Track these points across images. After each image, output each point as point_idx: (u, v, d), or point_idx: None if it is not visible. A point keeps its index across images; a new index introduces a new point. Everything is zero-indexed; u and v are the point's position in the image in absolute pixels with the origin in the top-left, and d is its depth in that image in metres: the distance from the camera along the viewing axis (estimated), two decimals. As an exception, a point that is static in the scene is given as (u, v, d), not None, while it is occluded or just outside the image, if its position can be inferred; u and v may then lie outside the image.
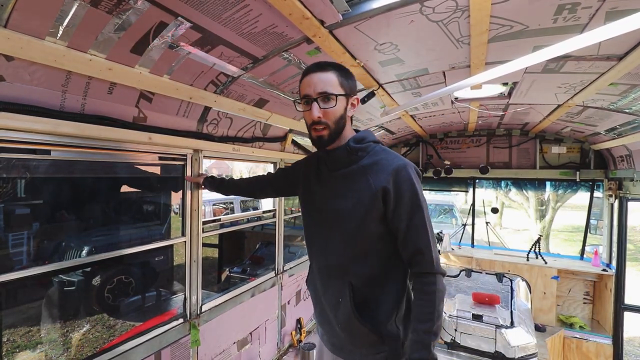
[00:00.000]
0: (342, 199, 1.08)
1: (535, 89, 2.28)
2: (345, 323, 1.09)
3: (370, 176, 1.04)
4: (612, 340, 3.35)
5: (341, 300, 1.08)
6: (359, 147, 1.08)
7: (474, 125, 3.96)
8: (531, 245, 4.06)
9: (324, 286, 1.16)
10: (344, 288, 1.08)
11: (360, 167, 1.07)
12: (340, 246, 1.09)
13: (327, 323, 1.18)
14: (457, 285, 3.46)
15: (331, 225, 1.11)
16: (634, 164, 3.00)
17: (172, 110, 1.72)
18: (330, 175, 1.14)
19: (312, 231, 1.22)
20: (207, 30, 1.30)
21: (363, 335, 1.07)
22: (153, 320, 1.84)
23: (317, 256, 1.19)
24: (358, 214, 1.03)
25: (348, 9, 1.30)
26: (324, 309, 1.18)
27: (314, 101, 1.02)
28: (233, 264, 4.89)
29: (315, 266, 1.21)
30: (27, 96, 1.17)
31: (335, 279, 1.11)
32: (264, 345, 2.70)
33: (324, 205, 1.14)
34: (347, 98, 1.07)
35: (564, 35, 1.43)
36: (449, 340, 2.79)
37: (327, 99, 1.02)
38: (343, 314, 1.08)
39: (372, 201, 1.01)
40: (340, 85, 1.04)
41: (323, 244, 1.15)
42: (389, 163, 1.03)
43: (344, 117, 1.07)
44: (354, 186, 1.06)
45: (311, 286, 1.27)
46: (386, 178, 1.01)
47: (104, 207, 5.07)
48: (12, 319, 3.91)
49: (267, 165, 2.99)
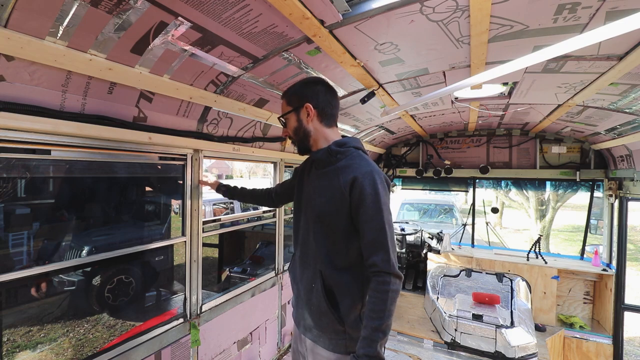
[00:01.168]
0: (319, 195, 1.22)
1: (535, 88, 2.28)
2: (316, 307, 1.20)
3: (341, 176, 1.16)
4: (612, 340, 3.34)
5: (314, 286, 1.21)
6: (339, 150, 1.22)
7: (474, 125, 3.95)
8: (531, 245, 4.05)
9: (301, 272, 1.29)
10: (316, 275, 1.21)
11: (336, 167, 1.20)
12: (315, 237, 1.22)
13: (300, 306, 1.31)
14: (457, 285, 3.46)
15: (309, 218, 1.26)
16: (634, 163, 3.00)
17: (172, 110, 1.72)
18: (315, 174, 1.29)
19: (297, 223, 1.37)
20: (207, 30, 1.30)
21: (330, 322, 1.17)
22: (153, 320, 1.84)
23: (298, 245, 1.34)
24: (330, 209, 1.16)
25: (348, 8, 1.30)
26: (299, 293, 1.31)
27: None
28: (233, 264, 4.89)
29: (297, 254, 1.35)
30: (27, 96, 1.18)
31: (310, 266, 1.24)
32: (264, 345, 2.70)
33: (307, 200, 1.29)
34: (295, 113, 1.26)
35: (564, 35, 1.43)
36: (449, 340, 2.79)
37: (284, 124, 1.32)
38: (316, 298, 1.20)
39: (341, 199, 1.14)
40: (288, 104, 1.28)
41: (304, 234, 1.29)
42: (359, 167, 1.15)
43: (300, 127, 1.26)
44: (329, 184, 1.19)
45: (292, 273, 1.41)
46: (353, 179, 1.12)
47: (104, 207, 5.08)
48: (12, 319, 3.92)
49: (267, 165, 2.99)
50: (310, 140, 1.27)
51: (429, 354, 2.84)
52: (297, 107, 1.25)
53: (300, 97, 1.25)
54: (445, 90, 1.71)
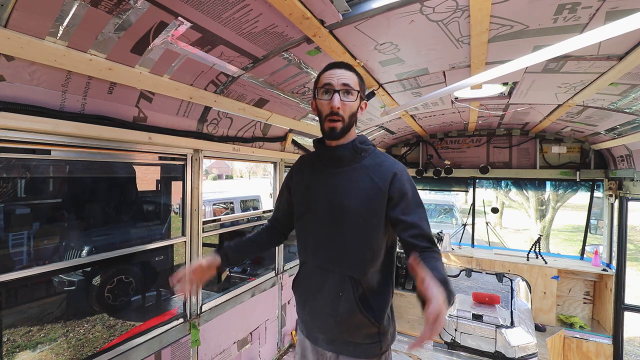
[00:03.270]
0: (346, 195, 1.11)
1: (535, 88, 2.28)
2: (346, 316, 1.11)
3: (374, 175, 1.11)
4: (612, 340, 3.34)
5: (342, 294, 1.12)
6: (363, 148, 1.15)
7: (474, 125, 3.95)
8: (531, 245, 4.05)
9: (321, 281, 1.17)
10: (344, 282, 1.12)
11: (362, 166, 1.13)
12: (343, 240, 1.12)
13: (319, 318, 1.19)
14: (457, 285, 3.46)
15: (334, 221, 1.13)
16: (634, 163, 3.00)
17: (172, 110, 1.72)
18: (329, 172, 1.17)
19: (308, 228, 1.21)
20: (207, 30, 1.30)
21: (363, 327, 1.11)
22: (153, 320, 1.84)
23: (314, 252, 1.19)
24: (367, 208, 1.09)
25: (348, 8, 1.30)
26: (318, 304, 1.18)
27: (336, 92, 1.07)
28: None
29: (311, 263, 1.21)
30: (27, 96, 1.18)
31: (335, 273, 1.14)
32: (264, 345, 2.70)
33: (324, 201, 1.15)
34: (361, 99, 1.14)
35: (564, 35, 1.43)
36: (449, 340, 2.79)
37: (348, 93, 1.08)
38: (345, 306, 1.11)
39: (378, 196, 1.08)
40: (359, 85, 1.12)
41: (322, 240, 1.16)
42: (391, 165, 1.13)
43: (356, 114, 1.14)
44: (359, 184, 1.11)
45: (302, 286, 1.25)
46: (393, 175, 1.09)
47: (104, 207, 5.07)
48: (12, 319, 3.92)
49: (267, 165, 2.99)
50: (349, 131, 1.13)
51: (429, 354, 2.84)
52: (363, 97, 1.15)
53: (364, 90, 1.18)
54: (445, 90, 1.71)
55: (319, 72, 1.15)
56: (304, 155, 1.38)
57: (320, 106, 1.12)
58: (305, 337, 1.28)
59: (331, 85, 1.08)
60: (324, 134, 1.14)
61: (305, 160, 1.31)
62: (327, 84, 1.09)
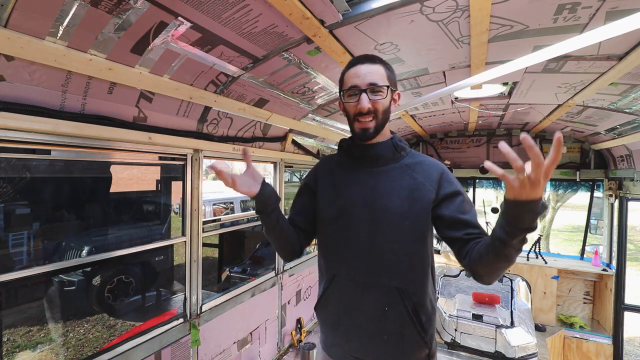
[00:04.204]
0: (389, 196, 1.00)
1: (535, 88, 2.28)
2: (395, 333, 0.99)
3: (417, 175, 1.02)
4: (612, 340, 3.34)
5: (388, 309, 0.98)
6: (402, 146, 1.07)
7: (474, 125, 3.95)
8: (531, 245, 4.05)
9: (359, 297, 1.02)
10: (390, 295, 0.98)
11: (402, 165, 1.04)
12: (387, 246, 0.99)
13: (358, 340, 1.04)
14: (457, 285, 3.46)
15: (374, 225, 1.00)
16: (634, 163, 3.00)
17: (172, 110, 1.72)
18: (366, 172, 1.06)
19: (341, 234, 1.05)
20: (207, 30, 1.30)
21: (415, 347, 0.99)
22: (153, 320, 1.84)
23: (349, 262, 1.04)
24: (412, 211, 0.98)
25: (348, 8, 1.30)
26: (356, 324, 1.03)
27: (363, 92, 0.98)
28: (233, 264, 4.89)
29: (344, 276, 1.04)
30: (27, 96, 1.18)
31: (378, 286, 0.99)
32: (264, 345, 2.70)
33: (361, 204, 1.02)
34: (392, 92, 1.04)
35: (564, 35, 1.43)
36: (449, 340, 2.79)
37: (376, 91, 0.98)
38: (394, 323, 0.98)
39: (426, 197, 0.98)
40: (388, 78, 1.01)
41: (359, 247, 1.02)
42: (434, 163, 1.05)
43: (389, 110, 1.03)
44: (402, 183, 1.01)
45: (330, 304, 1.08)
46: (441, 174, 1.02)
47: (104, 207, 5.07)
48: (12, 319, 3.92)
49: (267, 165, 2.99)
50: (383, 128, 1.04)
51: (429, 354, 2.83)
52: (394, 89, 1.04)
53: (395, 80, 1.06)
54: (445, 90, 1.71)
55: (342, 70, 1.06)
56: (330, 155, 1.26)
57: (348, 108, 1.03)
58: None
59: (357, 86, 0.98)
60: (356, 135, 1.04)
61: (334, 160, 1.17)
62: (353, 86, 0.99)
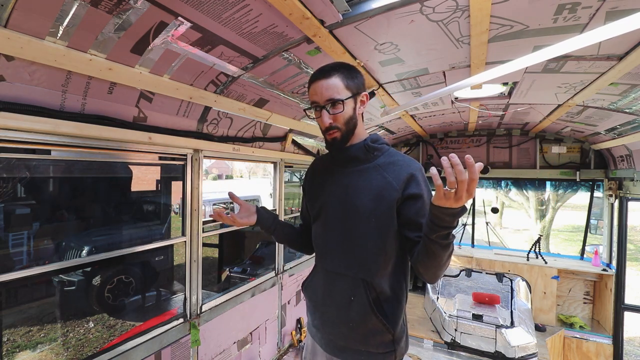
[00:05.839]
0: (359, 195, 1.08)
1: (535, 88, 2.28)
2: (359, 322, 1.07)
3: (387, 174, 1.07)
4: (612, 340, 3.34)
5: (353, 299, 1.08)
6: (376, 147, 1.12)
7: (474, 125, 3.95)
8: (531, 245, 4.05)
9: (329, 286, 1.14)
10: (356, 285, 1.07)
11: (375, 165, 1.10)
12: (354, 241, 1.08)
13: (330, 324, 1.15)
14: (457, 285, 3.46)
15: (344, 221, 1.10)
16: (634, 163, 3.00)
17: (172, 110, 1.73)
18: (341, 172, 1.15)
19: (320, 230, 1.19)
20: (207, 30, 1.30)
21: (378, 333, 1.07)
22: (153, 320, 1.84)
23: (323, 255, 1.17)
24: (378, 209, 1.04)
25: (348, 8, 1.30)
26: (328, 311, 1.15)
27: (323, 108, 1.05)
28: (233, 264, 4.89)
29: (321, 266, 1.18)
30: (27, 96, 1.18)
31: (346, 276, 1.10)
32: (264, 345, 2.70)
33: (335, 202, 1.13)
34: (354, 98, 1.08)
35: (564, 35, 1.43)
36: (449, 340, 2.79)
37: (335, 105, 1.04)
38: (358, 312, 1.07)
39: (392, 196, 1.03)
40: (346, 87, 1.05)
41: (332, 242, 1.14)
42: (407, 164, 1.08)
43: (353, 117, 1.08)
44: (372, 183, 1.07)
45: (310, 289, 1.23)
46: (410, 176, 1.04)
47: (104, 207, 5.07)
48: (12, 319, 3.92)
49: (267, 165, 2.99)
50: (354, 133, 1.10)
51: (429, 354, 2.84)
52: (355, 94, 1.07)
53: (359, 84, 1.09)
54: (445, 90, 1.71)
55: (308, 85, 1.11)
56: (319, 157, 1.36)
57: (317, 122, 1.10)
58: (317, 343, 1.24)
59: (316, 102, 1.06)
60: (327, 146, 1.13)
61: (319, 163, 1.30)
62: (313, 102, 1.07)
